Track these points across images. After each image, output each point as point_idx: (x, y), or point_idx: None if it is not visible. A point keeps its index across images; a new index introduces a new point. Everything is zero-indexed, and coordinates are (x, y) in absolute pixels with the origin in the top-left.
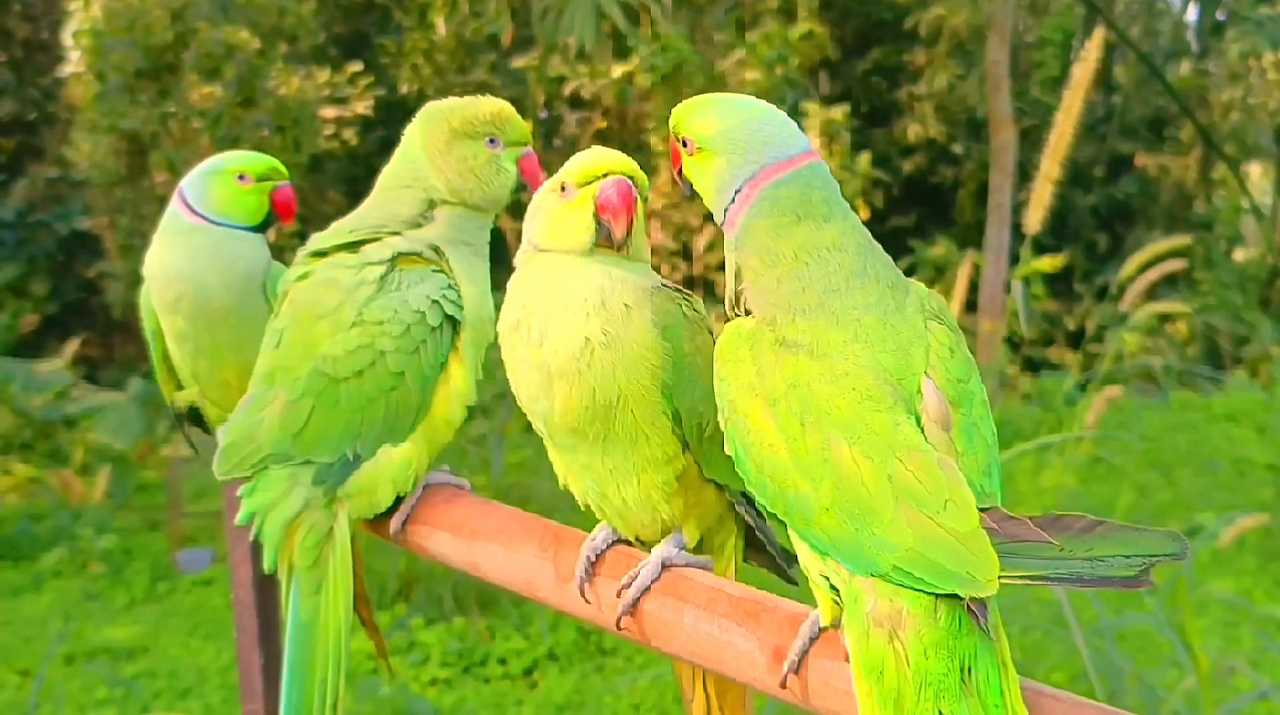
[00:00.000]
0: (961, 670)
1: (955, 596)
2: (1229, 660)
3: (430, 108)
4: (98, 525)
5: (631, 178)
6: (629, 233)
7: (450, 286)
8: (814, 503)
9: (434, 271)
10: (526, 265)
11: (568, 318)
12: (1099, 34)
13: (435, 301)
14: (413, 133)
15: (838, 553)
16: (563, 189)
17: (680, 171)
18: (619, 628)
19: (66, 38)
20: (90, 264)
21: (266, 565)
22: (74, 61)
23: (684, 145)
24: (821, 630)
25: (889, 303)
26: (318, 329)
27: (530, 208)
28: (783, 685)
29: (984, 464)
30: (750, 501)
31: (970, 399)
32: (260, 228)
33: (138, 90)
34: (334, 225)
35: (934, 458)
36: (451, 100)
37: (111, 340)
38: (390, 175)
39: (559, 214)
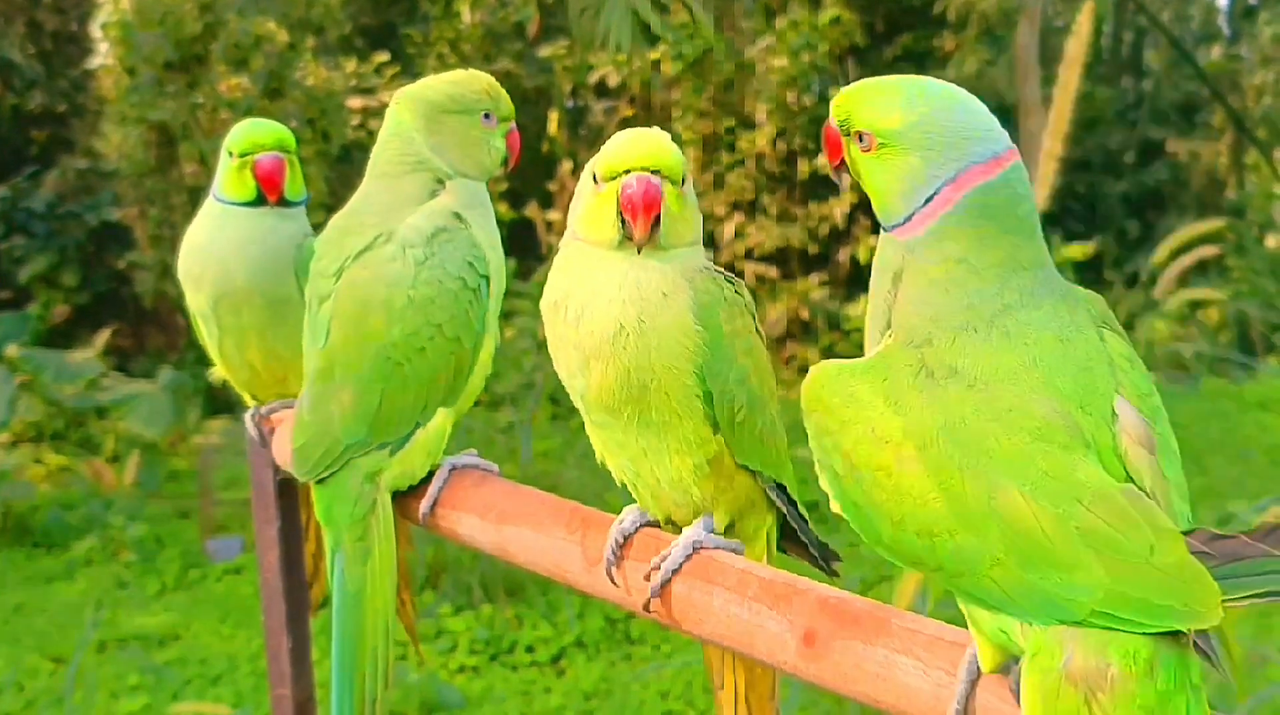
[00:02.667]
0: None
1: (1172, 642)
2: (1261, 649)
3: (412, 89)
4: (129, 513)
5: (659, 171)
6: (652, 232)
7: (475, 244)
8: (981, 555)
9: (460, 229)
10: (567, 249)
11: (604, 303)
12: (1088, 7)
13: (469, 262)
14: (400, 115)
15: (1014, 606)
16: (595, 179)
17: (840, 165)
18: (647, 610)
19: (95, 30)
20: (120, 255)
21: (329, 545)
22: (103, 53)
23: (859, 139)
24: (980, 675)
25: (1064, 316)
26: (372, 320)
27: (575, 193)
28: None
29: (1182, 485)
30: (784, 490)
31: (1158, 415)
32: (256, 203)
33: (167, 82)
34: (344, 214)
35: (1123, 497)
36: (433, 79)
37: (142, 330)
38: (387, 161)
39: (591, 205)
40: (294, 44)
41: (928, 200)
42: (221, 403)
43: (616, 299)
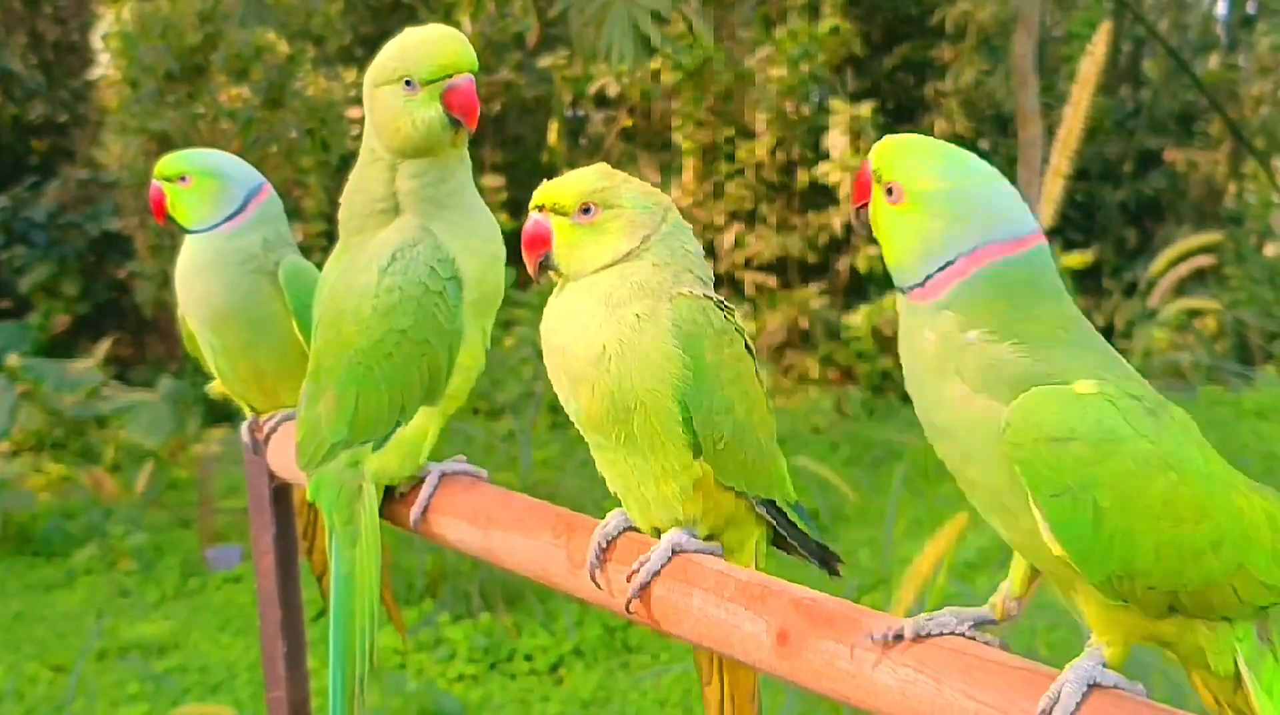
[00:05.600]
0: None
1: None
2: None
3: None
4: (129, 523)
5: (543, 206)
6: (545, 267)
7: (440, 249)
8: (1232, 566)
9: (426, 238)
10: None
11: (584, 328)
12: (1105, 28)
13: (432, 267)
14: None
15: (1239, 608)
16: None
17: (862, 208)
18: (628, 611)
19: (96, 40)
20: (121, 264)
21: (327, 530)
22: (104, 64)
23: (888, 192)
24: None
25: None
26: (344, 327)
27: None
28: None
29: None
30: (773, 505)
31: None
32: (198, 229)
33: (168, 92)
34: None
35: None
36: None
37: (142, 340)
38: (361, 151)
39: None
40: (294, 55)
41: (942, 268)
42: (221, 412)
43: (594, 322)
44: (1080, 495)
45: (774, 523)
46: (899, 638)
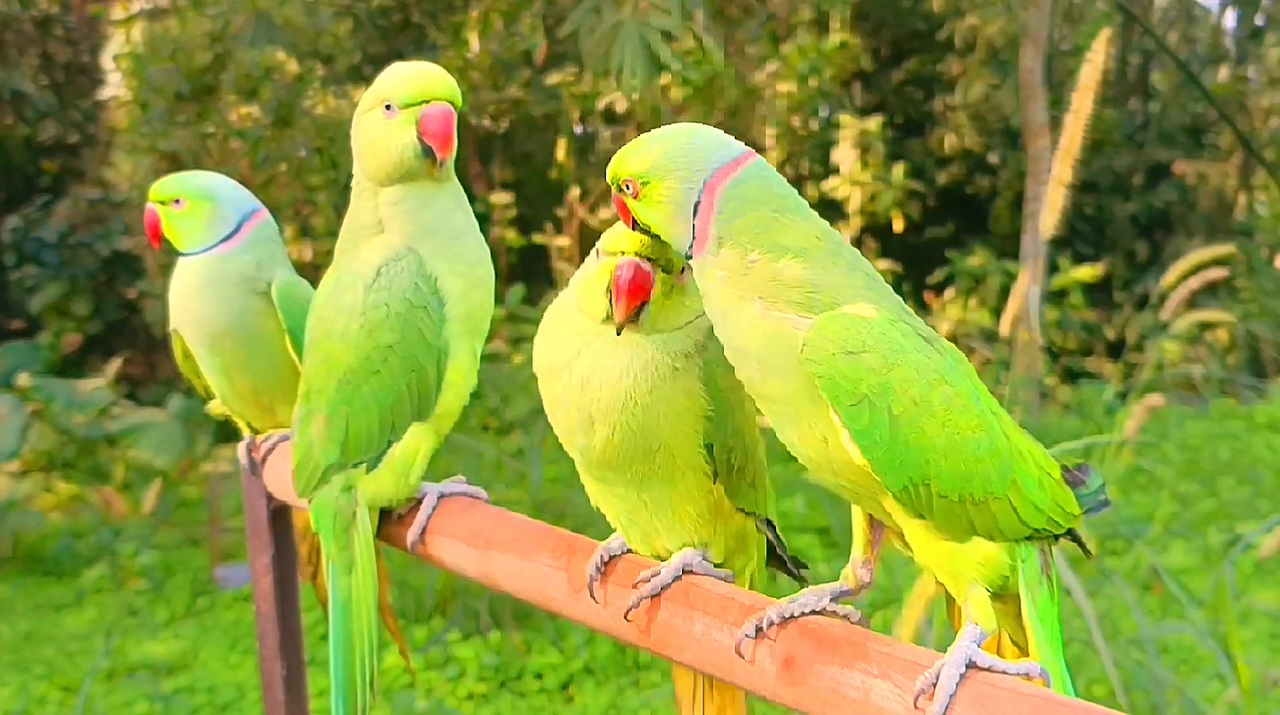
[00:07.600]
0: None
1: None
2: (1273, 671)
3: None
4: (139, 541)
5: (656, 258)
6: (635, 316)
7: (423, 265)
8: (1005, 480)
9: (409, 257)
10: (566, 309)
11: (612, 376)
12: (1105, 35)
13: (416, 283)
14: None
15: (1015, 527)
16: (597, 253)
17: (634, 224)
18: (626, 620)
19: (107, 61)
20: (131, 284)
21: (326, 558)
22: (115, 84)
23: (626, 189)
24: (969, 667)
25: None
26: (333, 348)
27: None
28: None
29: None
30: (772, 526)
31: None
32: (189, 252)
33: (177, 112)
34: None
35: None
36: None
37: (153, 358)
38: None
39: (590, 276)
40: (303, 74)
41: (695, 214)
42: (231, 431)
43: (626, 374)
44: (876, 402)
45: (772, 541)
46: (771, 624)
